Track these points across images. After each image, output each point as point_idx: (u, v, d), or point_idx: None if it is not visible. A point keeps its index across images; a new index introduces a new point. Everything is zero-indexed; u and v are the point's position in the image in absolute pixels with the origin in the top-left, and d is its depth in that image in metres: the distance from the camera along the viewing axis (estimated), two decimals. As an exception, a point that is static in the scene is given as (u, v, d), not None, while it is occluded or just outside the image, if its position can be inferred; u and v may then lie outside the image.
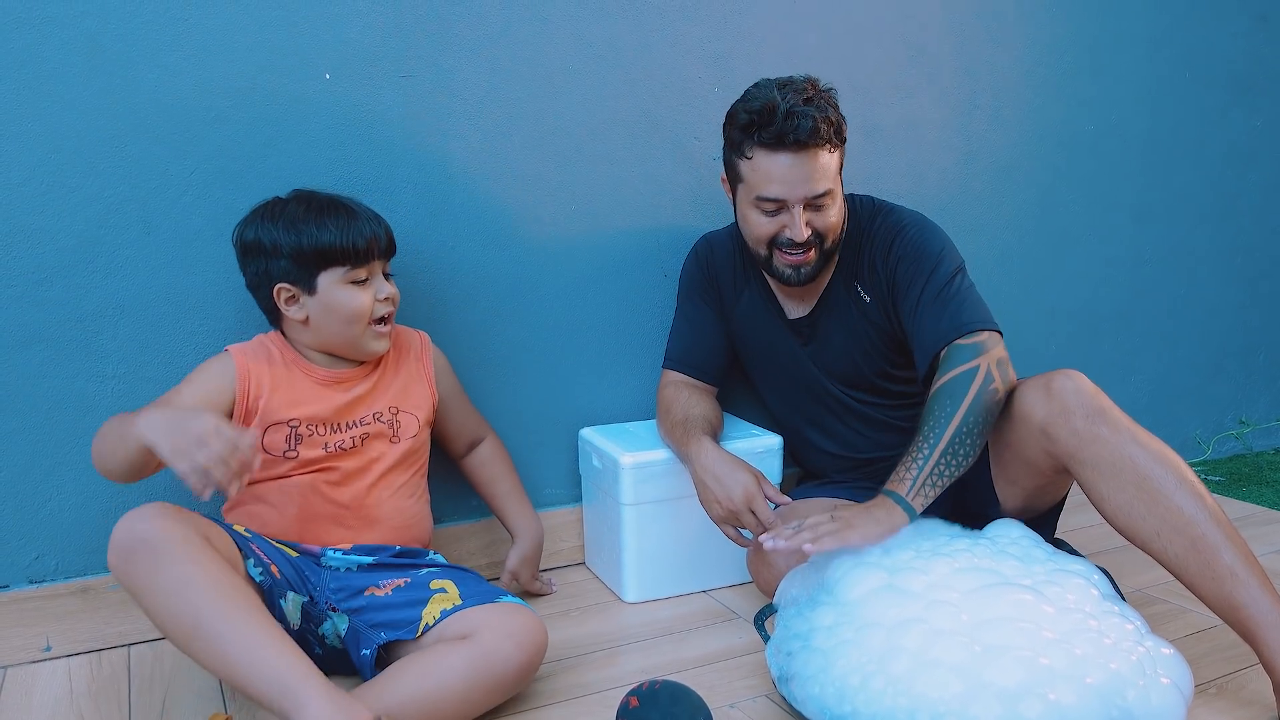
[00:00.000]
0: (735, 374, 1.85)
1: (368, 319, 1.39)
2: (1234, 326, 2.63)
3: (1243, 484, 2.38)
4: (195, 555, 1.12)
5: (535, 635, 1.28)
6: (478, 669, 1.22)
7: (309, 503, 1.38)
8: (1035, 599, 1.18)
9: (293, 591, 1.31)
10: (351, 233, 1.36)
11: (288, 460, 1.38)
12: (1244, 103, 2.51)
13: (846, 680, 1.14)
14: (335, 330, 1.39)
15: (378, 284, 1.41)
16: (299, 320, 1.39)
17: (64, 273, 1.44)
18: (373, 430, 1.43)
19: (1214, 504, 1.28)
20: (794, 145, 1.44)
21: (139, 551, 1.11)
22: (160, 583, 1.11)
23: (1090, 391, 1.35)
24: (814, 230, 1.51)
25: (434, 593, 1.34)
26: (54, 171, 1.42)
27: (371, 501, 1.42)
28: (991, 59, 2.14)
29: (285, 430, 1.38)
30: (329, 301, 1.37)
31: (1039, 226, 2.27)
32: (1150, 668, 1.12)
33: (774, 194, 1.48)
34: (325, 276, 1.37)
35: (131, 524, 1.13)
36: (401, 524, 1.45)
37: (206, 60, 1.48)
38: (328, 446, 1.40)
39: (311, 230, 1.35)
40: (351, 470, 1.41)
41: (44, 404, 1.45)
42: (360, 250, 1.37)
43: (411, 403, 1.49)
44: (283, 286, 1.37)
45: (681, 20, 1.81)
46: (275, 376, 1.40)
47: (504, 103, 1.69)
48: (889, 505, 1.35)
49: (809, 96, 1.45)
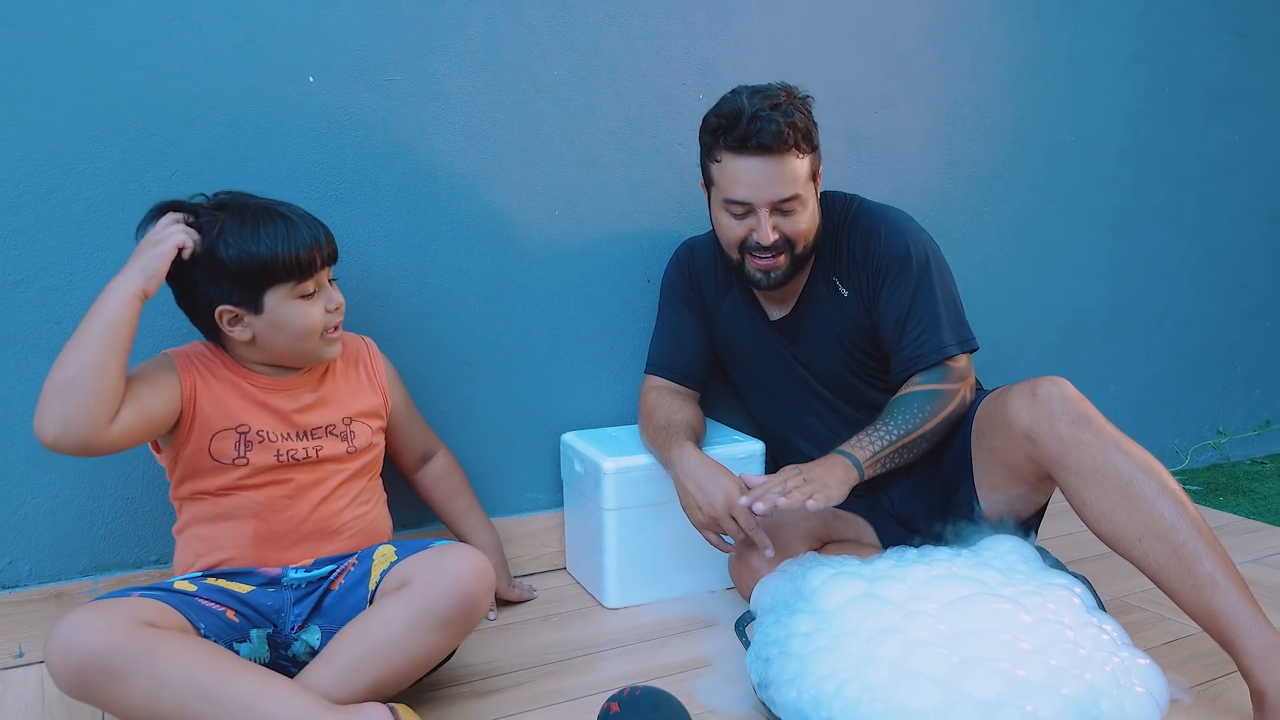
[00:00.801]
0: (718, 379, 1.85)
1: (320, 332, 1.32)
2: (1212, 338, 2.66)
3: (1220, 493, 2.40)
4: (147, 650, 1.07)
5: (471, 566, 1.23)
6: (416, 611, 1.19)
7: (265, 522, 1.32)
8: (1013, 609, 1.18)
9: (255, 629, 1.27)
10: (294, 243, 1.26)
11: (238, 468, 1.31)
12: (1223, 116, 2.54)
13: (822, 687, 1.14)
14: (285, 346, 1.31)
15: (326, 295, 1.33)
16: (244, 341, 1.30)
17: (42, 274, 1.43)
18: (326, 444, 1.37)
19: (1195, 512, 1.29)
20: (758, 149, 1.46)
21: (89, 675, 1.06)
22: (130, 699, 1.07)
23: (1075, 398, 1.36)
24: (783, 235, 1.52)
25: (374, 561, 1.31)
26: (32, 172, 1.41)
27: (329, 513, 1.37)
28: (973, 70, 2.16)
29: (234, 436, 1.30)
30: (277, 320, 1.28)
31: (1020, 236, 2.29)
32: (1125, 677, 1.13)
33: (740, 197, 1.49)
34: (271, 295, 1.27)
35: (66, 647, 1.06)
36: (360, 531, 1.40)
37: (188, 62, 1.47)
38: (280, 455, 1.33)
39: (250, 245, 1.24)
40: (306, 483, 1.35)
41: (19, 407, 1.44)
42: (303, 263, 1.27)
43: (363, 410, 1.43)
44: (225, 309, 1.27)
45: (666, 27, 1.82)
46: (218, 381, 1.32)
47: (488, 107, 1.69)
48: (845, 465, 1.45)
49: (778, 102, 1.47)
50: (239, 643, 1.25)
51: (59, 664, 1.06)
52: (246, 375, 1.34)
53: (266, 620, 1.29)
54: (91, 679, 1.06)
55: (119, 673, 1.06)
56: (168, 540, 1.51)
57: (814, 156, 1.53)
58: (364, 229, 1.61)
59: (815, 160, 1.53)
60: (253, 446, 1.31)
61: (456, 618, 1.22)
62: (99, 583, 1.50)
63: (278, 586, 1.33)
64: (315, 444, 1.36)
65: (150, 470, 1.51)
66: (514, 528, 1.80)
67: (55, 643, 1.07)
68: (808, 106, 1.51)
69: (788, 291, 1.65)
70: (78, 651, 1.05)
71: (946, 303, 1.55)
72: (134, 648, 1.07)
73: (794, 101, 1.49)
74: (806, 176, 1.51)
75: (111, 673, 1.06)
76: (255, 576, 1.32)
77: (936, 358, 1.52)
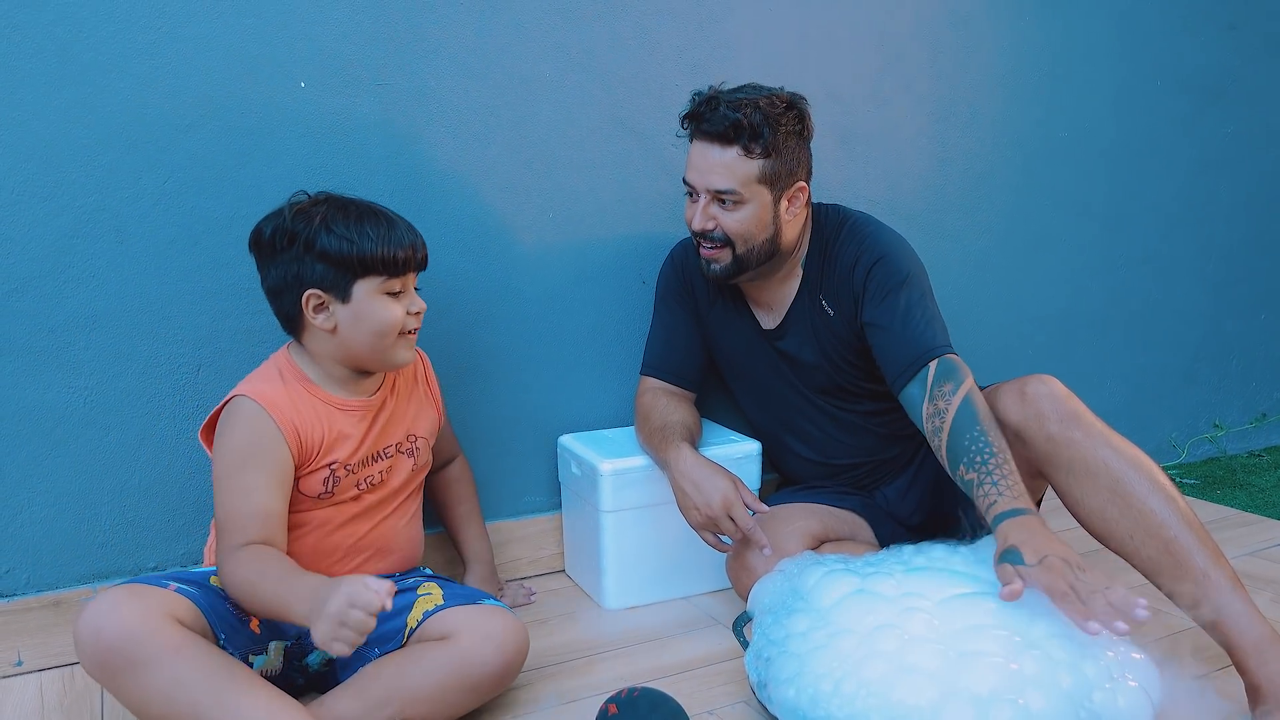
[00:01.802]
0: (713, 380, 1.85)
1: (398, 331, 1.33)
2: (1208, 331, 2.66)
3: (1217, 487, 2.40)
4: (174, 646, 1.08)
5: (515, 639, 1.26)
6: (454, 670, 1.21)
7: (324, 539, 1.33)
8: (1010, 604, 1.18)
9: (274, 640, 1.28)
10: (392, 242, 1.29)
11: (321, 502, 1.33)
12: (1214, 110, 2.55)
13: (819, 685, 1.15)
14: (363, 341, 1.31)
15: (409, 296, 1.35)
16: (325, 329, 1.30)
17: (35, 282, 1.43)
18: (396, 463, 1.39)
19: (1186, 507, 1.30)
20: (706, 135, 1.50)
21: (114, 660, 1.07)
22: (147, 691, 1.08)
23: (1063, 396, 1.37)
24: (721, 229, 1.53)
25: (419, 596, 1.32)
26: (25, 180, 1.41)
27: (388, 530, 1.39)
28: (966, 66, 2.16)
29: (325, 474, 1.31)
30: (361, 311, 1.29)
31: (1013, 232, 2.29)
32: (1118, 671, 1.13)
33: (687, 177, 1.55)
34: (361, 285, 1.29)
35: (97, 627, 1.07)
36: (410, 551, 1.44)
37: (180, 68, 1.47)
38: (359, 484, 1.35)
39: (352, 235, 1.27)
40: (373, 504, 1.37)
41: (14, 415, 1.44)
42: (399, 260, 1.30)
43: (425, 427, 1.46)
44: (313, 292, 1.28)
45: (658, 28, 1.82)
46: (306, 409, 1.31)
47: (480, 110, 1.69)
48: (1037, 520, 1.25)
49: (744, 101, 1.48)
50: (255, 654, 1.25)
51: (87, 642, 1.07)
52: (325, 396, 1.34)
53: (293, 630, 1.29)
54: (116, 664, 1.07)
55: (143, 662, 1.07)
56: (166, 547, 1.52)
57: (770, 164, 1.49)
58: (358, 233, 1.62)
59: (775, 170, 1.50)
60: (339, 481, 1.33)
61: (489, 686, 1.25)
62: (97, 591, 1.50)
63: None
64: (387, 464, 1.38)
65: (149, 478, 1.51)
66: (512, 530, 1.81)
67: (86, 621, 1.08)
68: (778, 116, 1.48)
69: (777, 302, 1.66)
70: (109, 633, 1.07)
71: (936, 314, 1.53)
72: (162, 641, 1.08)
73: (767, 107, 1.48)
74: (754, 180, 1.50)
75: (136, 661, 1.07)
76: None
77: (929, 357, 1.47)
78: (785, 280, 1.64)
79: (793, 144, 1.52)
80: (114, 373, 1.48)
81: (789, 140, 1.51)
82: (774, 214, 1.54)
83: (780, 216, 1.54)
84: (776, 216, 1.54)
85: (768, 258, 1.57)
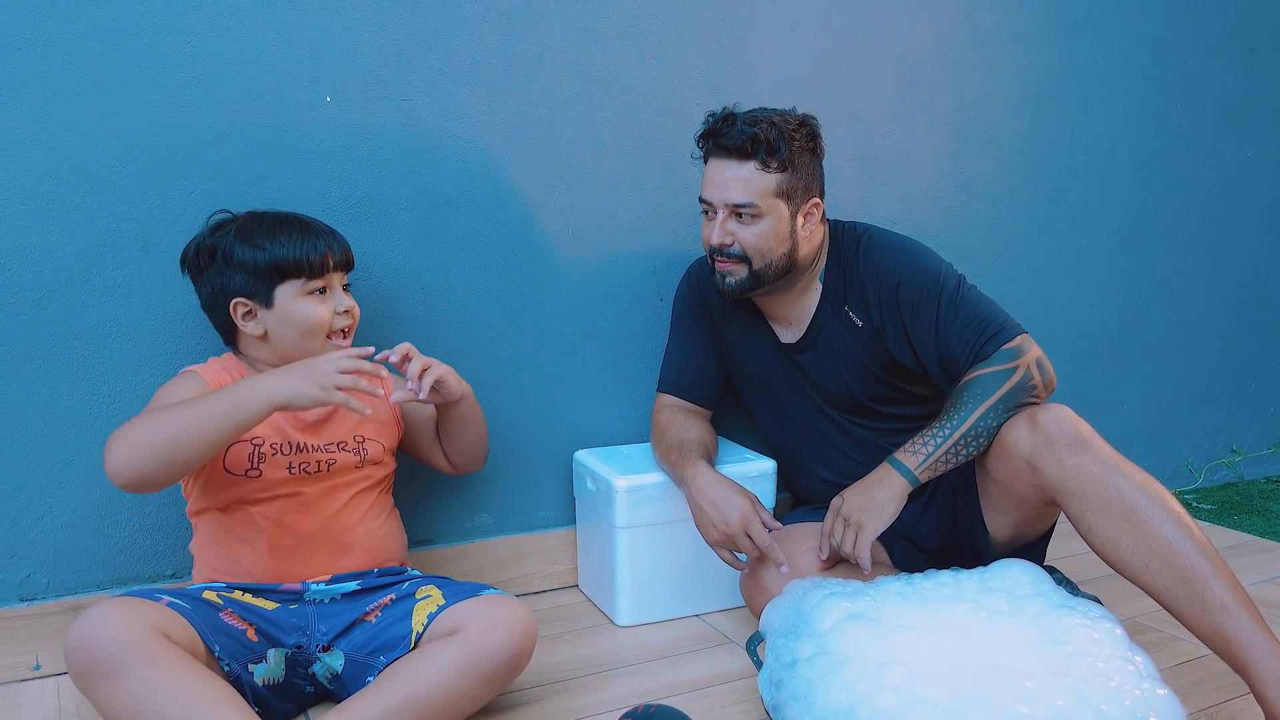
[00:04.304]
0: (729, 398, 1.86)
1: (326, 331, 1.38)
2: (1225, 355, 2.65)
3: (1234, 512, 2.39)
4: (151, 658, 1.09)
5: (523, 622, 1.27)
6: (467, 662, 1.22)
7: (278, 535, 1.35)
8: (1017, 631, 1.18)
9: (274, 648, 1.29)
10: (306, 245, 1.36)
11: (251, 480, 1.34)
12: (1234, 133, 2.54)
13: (831, 713, 1.14)
14: (294, 344, 1.37)
15: (336, 296, 1.40)
16: (256, 336, 1.38)
17: (62, 291, 1.44)
18: (338, 457, 1.40)
19: (1201, 535, 1.29)
20: (722, 151, 1.53)
21: (92, 668, 1.09)
22: (119, 700, 1.08)
23: (1074, 423, 1.37)
24: (739, 244, 1.54)
25: (419, 600, 1.33)
26: (54, 190, 1.43)
27: (341, 527, 1.39)
28: (985, 88, 2.17)
29: (247, 448, 1.34)
30: (286, 314, 1.36)
31: (1031, 254, 2.29)
32: (1142, 709, 1.12)
33: (704, 194, 1.57)
34: (283, 289, 1.36)
35: (83, 634, 1.09)
36: (373, 545, 1.42)
37: (208, 82, 1.49)
38: (291, 468, 1.36)
39: (264, 243, 1.34)
40: (316, 496, 1.38)
41: (38, 421, 1.45)
42: (316, 262, 1.36)
43: (375, 430, 1.46)
44: (239, 301, 1.36)
45: (679, 48, 1.83)
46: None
47: (503, 127, 1.70)
48: (890, 480, 1.45)
49: (762, 118, 1.50)
50: (254, 663, 1.26)
51: (73, 649, 1.10)
52: None
53: (289, 639, 1.30)
54: (95, 671, 1.09)
55: (116, 672, 1.08)
56: (184, 554, 1.53)
57: (786, 178, 1.51)
58: (380, 247, 1.63)
59: (792, 185, 1.52)
60: (266, 459, 1.35)
61: (504, 672, 1.26)
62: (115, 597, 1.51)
63: (300, 602, 1.34)
64: (327, 457, 1.39)
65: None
66: (526, 545, 1.81)
67: (75, 630, 1.11)
68: (792, 132, 1.51)
69: (798, 316, 1.66)
70: (92, 641, 1.09)
71: (983, 301, 1.54)
72: (139, 652, 1.09)
73: (782, 124, 1.50)
74: (772, 193, 1.51)
75: (113, 670, 1.08)
76: (278, 594, 1.34)
77: (989, 349, 1.48)
78: (804, 293, 1.64)
79: (807, 160, 1.54)
80: (136, 381, 1.50)
81: (803, 156, 1.53)
82: (791, 228, 1.55)
83: (797, 232, 1.55)
84: (794, 231, 1.55)
85: (784, 273, 1.58)
